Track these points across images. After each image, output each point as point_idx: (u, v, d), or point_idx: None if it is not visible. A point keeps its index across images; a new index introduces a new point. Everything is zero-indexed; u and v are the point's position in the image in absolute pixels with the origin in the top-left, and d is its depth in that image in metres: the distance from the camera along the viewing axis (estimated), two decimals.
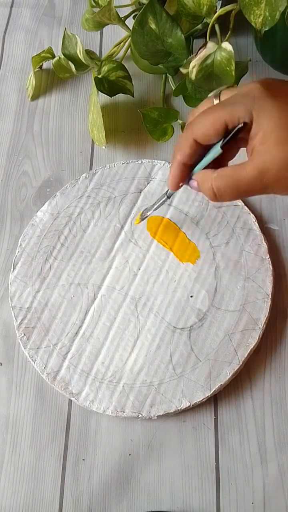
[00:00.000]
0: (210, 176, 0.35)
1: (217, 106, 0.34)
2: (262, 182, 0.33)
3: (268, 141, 0.32)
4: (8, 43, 0.64)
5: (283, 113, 0.32)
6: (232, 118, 0.33)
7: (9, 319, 0.48)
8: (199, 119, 0.35)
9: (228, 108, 0.33)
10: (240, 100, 0.33)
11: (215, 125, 0.34)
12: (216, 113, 0.34)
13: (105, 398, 0.43)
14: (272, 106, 0.32)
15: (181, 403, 0.42)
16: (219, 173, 0.35)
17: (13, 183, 0.55)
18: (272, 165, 0.32)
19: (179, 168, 0.37)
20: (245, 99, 0.33)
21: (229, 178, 0.34)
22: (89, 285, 0.48)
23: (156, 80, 0.59)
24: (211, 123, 0.34)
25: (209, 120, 0.34)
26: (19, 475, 0.43)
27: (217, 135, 0.34)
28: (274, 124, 0.32)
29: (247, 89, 0.34)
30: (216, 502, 0.41)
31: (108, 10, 0.50)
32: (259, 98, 0.32)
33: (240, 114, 0.33)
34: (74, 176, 0.55)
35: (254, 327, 0.45)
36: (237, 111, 0.33)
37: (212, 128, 0.34)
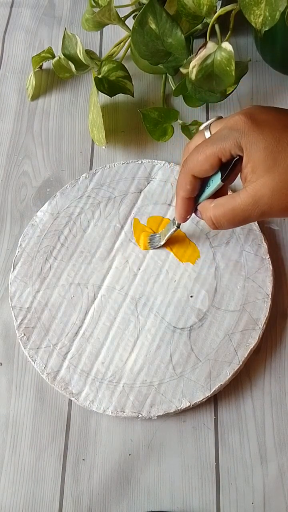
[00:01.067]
0: (209, 206, 0.38)
1: (208, 142, 0.37)
2: (257, 209, 0.35)
3: (257, 170, 0.34)
4: (8, 43, 0.64)
5: (268, 143, 0.34)
6: (224, 153, 0.36)
7: (9, 319, 0.48)
8: (193, 156, 0.37)
9: (219, 143, 0.36)
10: (227, 134, 0.35)
11: (209, 160, 0.36)
12: (208, 149, 0.36)
13: (105, 398, 0.43)
14: (257, 138, 0.34)
15: (181, 403, 0.42)
16: (216, 203, 0.37)
17: (13, 183, 0.55)
18: (265, 191, 0.34)
19: (184, 203, 0.40)
20: (232, 133, 0.35)
21: (225, 207, 0.36)
22: (89, 285, 0.48)
23: (156, 80, 0.59)
24: (205, 160, 0.36)
25: (203, 157, 0.36)
26: (19, 475, 0.43)
27: (213, 169, 0.37)
28: (261, 154, 0.34)
29: (233, 122, 0.36)
30: (216, 502, 0.41)
31: (108, 10, 0.50)
32: (244, 131, 0.35)
33: (231, 148, 0.35)
34: (74, 176, 0.55)
35: (254, 327, 0.45)
36: (227, 145, 0.35)
37: (207, 164, 0.36)
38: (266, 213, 0.35)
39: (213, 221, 0.38)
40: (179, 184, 0.39)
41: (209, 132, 0.38)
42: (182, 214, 0.41)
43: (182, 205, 0.41)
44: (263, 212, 0.35)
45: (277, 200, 0.34)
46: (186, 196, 0.40)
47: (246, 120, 0.35)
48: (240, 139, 0.35)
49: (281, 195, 0.34)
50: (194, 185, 0.39)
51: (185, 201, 0.40)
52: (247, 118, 0.35)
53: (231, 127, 0.36)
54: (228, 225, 0.37)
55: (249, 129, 0.35)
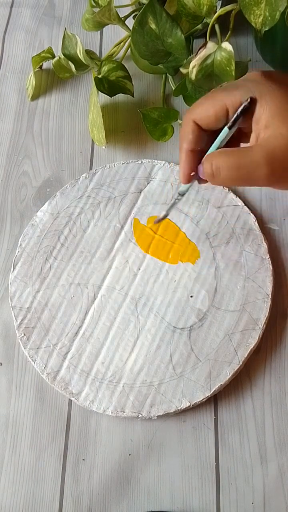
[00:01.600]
0: (213, 154, 0.34)
1: (218, 89, 0.34)
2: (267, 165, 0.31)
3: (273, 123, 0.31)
4: (8, 43, 0.64)
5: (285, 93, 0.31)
6: (233, 101, 0.32)
7: (9, 319, 0.48)
8: (199, 102, 0.34)
9: (230, 91, 0.33)
10: (241, 84, 0.33)
11: (215, 107, 0.33)
12: (217, 95, 0.33)
13: (105, 398, 0.43)
14: (274, 89, 0.32)
15: (181, 403, 0.42)
16: (221, 151, 0.33)
17: (13, 183, 0.55)
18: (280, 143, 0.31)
19: (187, 156, 0.36)
20: (246, 82, 0.33)
21: (232, 158, 0.32)
22: (89, 285, 0.48)
23: (156, 80, 0.59)
24: (211, 105, 0.33)
25: (209, 103, 0.33)
26: (19, 475, 0.43)
27: (217, 118, 0.33)
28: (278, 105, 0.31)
29: (247, 75, 0.34)
30: (216, 502, 0.41)
31: (108, 10, 0.50)
32: (260, 82, 0.32)
33: (242, 96, 0.32)
34: (74, 176, 0.55)
35: (254, 327, 0.45)
36: (238, 93, 0.32)
37: (212, 110, 0.33)
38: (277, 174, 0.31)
39: (212, 169, 0.33)
40: (182, 134, 0.35)
41: None
42: (186, 171, 0.36)
43: (185, 159, 0.36)
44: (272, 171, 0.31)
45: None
46: (189, 148, 0.35)
47: (262, 74, 0.33)
48: (254, 88, 0.32)
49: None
50: (198, 135, 0.35)
51: (189, 154, 0.35)
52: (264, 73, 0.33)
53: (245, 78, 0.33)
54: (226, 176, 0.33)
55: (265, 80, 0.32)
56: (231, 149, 0.33)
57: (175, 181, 0.52)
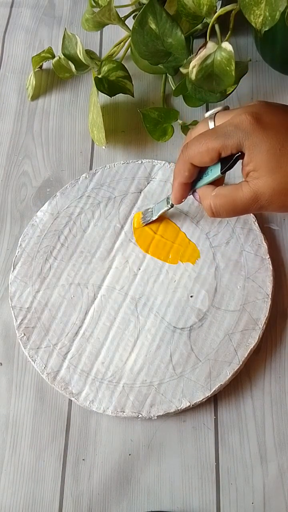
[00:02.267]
0: (210, 194, 0.39)
1: (211, 134, 0.37)
2: (257, 204, 0.37)
3: (260, 169, 0.36)
4: (8, 43, 0.64)
5: (271, 146, 0.35)
6: (225, 149, 0.37)
7: (9, 319, 0.48)
8: (194, 145, 0.38)
9: (221, 140, 0.37)
10: (232, 132, 0.36)
11: (210, 154, 0.37)
12: (210, 143, 0.37)
13: (105, 398, 0.43)
14: (261, 140, 0.36)
15: (181, 403, 0.42)
16: (217, 192, 0.39)
17: (13, 183, 0.55)
18: (266, 190, 0.36)
19: (180, 187, 0.41)
20: (237, 132, 0.36)
21: (226, 198, 0.38)
22: (89, 285, 0.48)
23: (156, 80, 0.59)
24: (206, 152, 0.37)
25: (204, 149, 0.37)
26: (19, 475, 0.43)
27: (212, 161, 0.38)
28: (264, 156, 0.35)
29: (238, 120, 0.36)
30: (216, 502, 0.41)
31: (108, 10, 0.50)
32: (249, 132, 0.36)
33: (233, 147, 0.36)
34: (74, 176, 0.55)
35: (254, 327, 0.45)
36: (229, 143, 0.36)
37: (208, 157, 0.37)
38: (264, 208, 0.37)
39: (212, 210, 0.39)
40: (178, 170, 0.40)
41: (213, 123, 0.39)
42: (178, 198, 0.42)
43: (179, 190, 0.42)
44: (261, 207, 0.37)
45: (277, 199, 0.36)
46: (184, 182, 0.41)
47: (252, 121, 0.36)
48: (244, 140, 0.36)
49: (281, 195, 0.36)
50: (192, 172, 0.40)
51: (182, 186, 0.41)
52: (253, 119, 0.36)
53: (236, 126, 0.36)
54: (226, 215, 0.39)
55: (254, 130, 0.36)
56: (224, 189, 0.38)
57: None
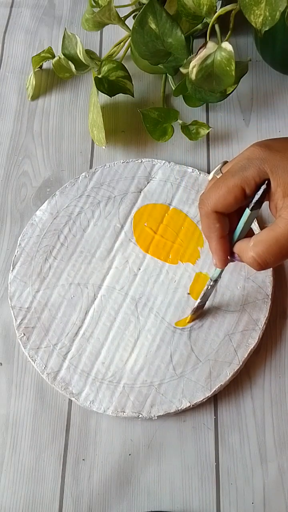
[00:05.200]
0: (247, 246, 0.34)
1: (227, 175, 0.34)
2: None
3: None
4: (8, 43, 0.64)
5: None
6: (248, 182, 0.33)
7: (9, 319, 0.48)
8: (212, 192, 0.34)
9: (240, 173, 0.33)
10: (248, 163, 0.33)
11: (233, 192, 0.33)
12: (229, 181, 0.33)
13: (105, 398, 0.43)
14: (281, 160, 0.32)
15: (181, 403, 0.42)
16: (255, 241, 0.34)
17: (13, 183, 0.55)
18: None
19: (220, 244, 0.36)
20: (253, 162, 0.33)
21: (268, 242, 0.33)
22: (89, 285, 0.48)
23: (156, 80, 0.59)
24: (228, 192, 0.33)
25: (225, 190, 0.33)
26: (19, 475, 0.43)
27: (237, 201, 0.34)
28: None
29: (249, 153, 0.34)
30: (216, 502, 0.41)
31: (108, 10, 0.50)
32: (265, 157, 0.33)
33: (255, 176, 0.33)
34: (74, 176, 0.55)
35: (254, 327, 0.45)
36: (250, 174, 0.33)
37: (231, 197, 0.34)
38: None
39: (257, 261, 0.34)
40: (206, 227, 0.36)
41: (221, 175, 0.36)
42: (222, 257, 0.37)
43: (220, 247, 0.36)
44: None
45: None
46: (220, 236, 0.36)
47: (262, 149, 0.33)
48: (263, 165, 0.33)
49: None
50: (222, 221, 0.35)
51: (221, 241, 0.36)
52: (263, 147, 0.33)
53: (249, 157, 0.33)
54: (275, 260, 0.34)
55: (269, 154, 0.33)
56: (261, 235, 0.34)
57: (175, 180, 0.52)
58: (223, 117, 0.57)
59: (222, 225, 0.36)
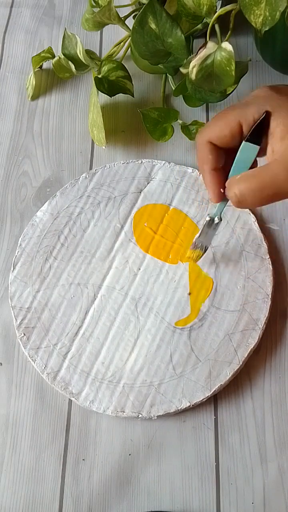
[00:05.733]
0: (234, 179, 0.34)
1: (229, 108, 0.34)
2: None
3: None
4: (8, 43, 0.64)
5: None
6: (246, 117, 0.32)
7: (9, 319, 0.48)
8: (211, 123, 0.34)
9: (241, 109, 0.33)
10: (252, 100, 0.33)
11: (229, 125, 0.33)
12: (229, 114, 0.33)
13: (105, 398, 0.43)
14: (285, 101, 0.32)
15: (181, 403, 0.42)
16: (242, 176, 0.33)
17: (13, 183, 0.55)
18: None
19: (212, 176, 0.36)
20: (257, 99, 0.33)
21: (253, 180, 0.32)
22: (89, 285, 0.48)
23: (156, 80, 0.59)
24: (225, 124, 0.33)
25: (223, 122, 0.33)
26: (19, 475, 0.43)
27: (233, 136, 0.33)
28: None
29: (256, 91, 0.34)
30: (216, 502, 0.41)
31: (108, 10, 0.50)
32: (271, 97, 0.32)
33: (255, 113, 0.32)
34: (74, 176, 0.55)
35: (254, 327, 0.45)
36: (251, 110, 0.32)
37: (227, 129, 0.33)
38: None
39: (237, 195, 0.33)
40: (200, 158, 0.35)
41: None
42: (215, 190, 0.36)
43: (212, 179, 0.35)
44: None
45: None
46: (212, 168, 0.35)
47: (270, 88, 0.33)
48: (266, 103, 0.32)
49: None
50: (217, 154, 0.35)
51: (213, 174, 0.35)
52: (272, 88, 0.33)
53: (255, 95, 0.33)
54: (253, 199, 0.32)
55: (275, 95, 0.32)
56: (250, 173, 0.33)
57: (175, 180, 0.52)
58: None
59: (215, 157, 0.35)
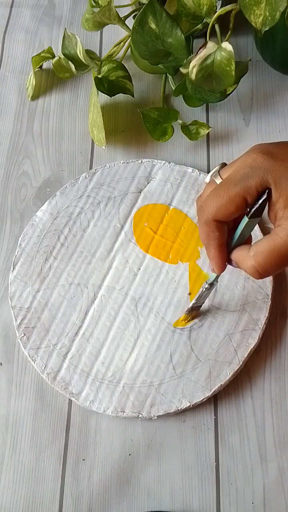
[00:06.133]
0: (247, 255, 0.35)
1: (229, 183, 0.33)
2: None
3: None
4: (8, 43, 0.64)
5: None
6: (250, 191, 0.33)
7: (9, 319, 0.48)
8: (214, 201, 0.34)
9: (242, 182, 0.33)
10: (249, 172, 0.33)
11: (235, 202, 0.33)
12: (231, 190, 0.33)
13: (105, 398, 0.43)
14: (285, 170, 0.32)
15: (181, 403, 0.42)
16: (256, 251, 0.34)
17: (13, 183, 0.55)
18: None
19: (218, 251, 0.36)
20: (255, 170, 0.33)
21: (268, 252, 0.33)
22: (89, 285, 0.48)
23: (156, 80, 0.59)
24: (229, 202, 0.33)
25: (226, 199, 0.33)
26: (19, 475, 0.43)
27: (238, 210, 0.34)
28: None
29: (250, 161, 0.33)
30: (216, 502, 0.41)
31: (108, 10, 0.50)
32: (269, 167, 0.32)
33: (257, 186, 0.33)
34: (74, 176, 0.55)
35: (254, 327, 0.45)
36: (253, 183, 0.32)
37: (233, 207, 0.33)
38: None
39: (258, 271, 0.34)
40: (205, 235, 0.36)
41: (219, 179, 0.36)
42: (221, 264, 0.37)
43: (218, 254, 0.36)
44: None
45: None
46: (219, 244, 0.36)
47: (265, 157, 0.33)
48: (267, 175, 0.32)
49: None
50: (222, 229, 0.35)
51: (219, 249, 0.36)
52: (265, 155, 0.33)
53: (251, 166, 0.33)
54: (275, 269, 0.34)
55: (273, 164, 0.32)
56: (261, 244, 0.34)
57: (175, 180, 0.52)
58: (223, 117, 0.57)
59: (221, 233, 0.35)
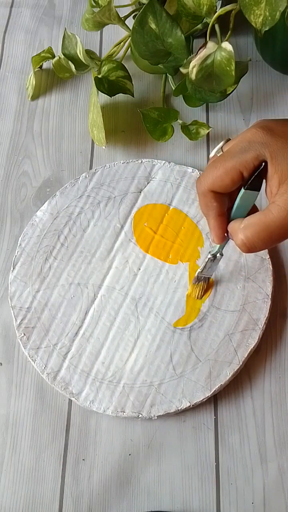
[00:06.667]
0: (238, 227, 0.34)
1: (226, 155, 0.34)
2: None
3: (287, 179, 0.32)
4: (8, 43, 0.64)
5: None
6: (246, 165, 0.33)
7: (9, 319, 0.48)
8: (210, 172, 0.34)
9: (239, 156, 0.33)
10: (248, 146, 0.33)
11: (230, 174, 0.34)
12: (227, 163, 0.33)
13: (105, 398, 0.43)
14: (282, 147, 0.32)
15: (181, 403, 0.42)
16: (246, 223, 0.34)
17: (13, 183, 0.55)
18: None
19: (217, 221, 0.37)
20: (253, 145, 0.33)
21: (258, 226, 0.33)
22: (89, 285, 0.48)
23: (156, 80, 0.59)
24: (226, 174, 0.34)
25: (223, 171, 0.34)
26: (19, 475, 0.43)
27: (234, 183, 0.34)
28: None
29: (250, 135, 0.33)
30: (216, 502, 0.41)
31: (108, 10, 0.50)
32: (267, 142, 0.33)
33: (253, 160, 0.33)
34: (74, 176, 0.55)
35: (254, 327, 0.45)
36: (249, 157, 0.33)
37: (228, 178, 0.34)
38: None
39: (245, 243, 0.34)
40: (204, 205, 0.36)
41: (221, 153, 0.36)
42: (220, 234, 0.37)
43: (217, 224, 0.37)
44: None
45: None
46: (217, 214, 0.36)
47: (264, 132, 0.33)
48: (264, 150, 0.33)
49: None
50: (220, 200, 0.36)
51: (218, 219, 0.36)
52: (265, 130, 0.33)
53: (250, 140, 0.33)
54: (262, 245, 0.34)
55: (271, 139, 0.33)
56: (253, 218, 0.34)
57: (175, 180, 0.52)
58: (223, 117, 0.57)
59: (220, 203, 0.36)
